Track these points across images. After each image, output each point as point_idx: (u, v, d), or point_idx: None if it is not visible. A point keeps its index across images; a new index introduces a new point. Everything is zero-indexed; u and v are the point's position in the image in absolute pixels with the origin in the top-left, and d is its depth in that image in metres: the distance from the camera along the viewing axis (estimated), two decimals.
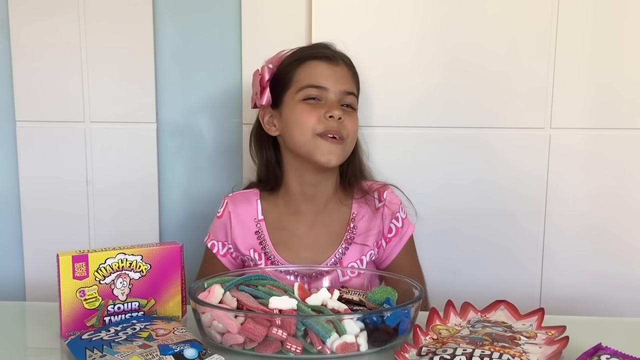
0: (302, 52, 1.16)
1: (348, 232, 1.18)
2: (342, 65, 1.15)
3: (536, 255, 1.41)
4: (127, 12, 1.37)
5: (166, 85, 1.42)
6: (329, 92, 1.12)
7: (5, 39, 1.39)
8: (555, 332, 0.90)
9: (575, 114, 1.37)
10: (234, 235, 1.19)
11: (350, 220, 1.19)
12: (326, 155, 1.11)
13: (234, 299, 0.94)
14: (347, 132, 1.12)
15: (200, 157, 1.45)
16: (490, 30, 1.35)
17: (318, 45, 1.19)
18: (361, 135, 1.23)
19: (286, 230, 1.19)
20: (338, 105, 1.12)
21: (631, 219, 1.39)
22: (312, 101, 1.12)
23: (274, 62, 1.18)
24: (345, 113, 1.12)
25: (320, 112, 1.10)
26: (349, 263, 1.17)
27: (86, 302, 0.95)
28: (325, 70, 1.13)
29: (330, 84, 1.12)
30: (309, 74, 1.13)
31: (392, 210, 1.19)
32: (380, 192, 1.20)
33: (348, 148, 1.14)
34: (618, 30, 1.34)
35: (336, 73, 1.14)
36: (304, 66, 1.14)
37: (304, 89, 1.12)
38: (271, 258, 1.16)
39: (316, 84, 1.12)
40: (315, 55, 1.14)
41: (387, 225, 1.19)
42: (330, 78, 1.12)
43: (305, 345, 0.86)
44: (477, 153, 1.39)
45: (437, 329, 0.91)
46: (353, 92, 1.16)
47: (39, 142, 1.41)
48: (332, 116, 1.09)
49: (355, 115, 1.17)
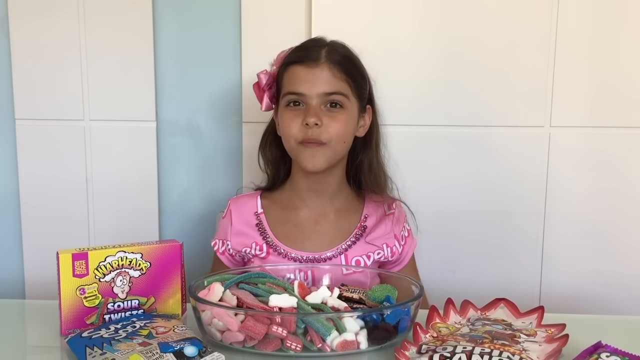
0: (289, 56, 1.16)
1: (357, 229, 1.19)
2: (323, 65, 1.12)
3: (535, 253, 1.41)
4: (127, 10, 1.37)
5: (166, 84, 1.42)
6: (308, 97, 1.11)
7: (5, 37, 1.38)
8: (555, 330, 0.90)
9: (575, 112, 1.37)
10: (233, 233, 1.20)
11: (361, 221, 1.20)
12: (309, 161, 1.12)
13: (234, 297, 0.94)
14: (328, 136, 1.11)
15: (200, 156, 1.45)
16: (490, 28, 1.35)
17: (304, 46, 1.17)
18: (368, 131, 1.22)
19: (290, 223, 1.20)
20: (316, 110, 1.11)
21: (631, 218, 1.40)
22: (294, 106, 1.13)
23: (276, 64, 1.18)
24: (328, 116, 1.11)
25: (301, 119, 1.11)
26: (353, 257, 1.17)
27: (86, 300, 0.95)
28: (303, 75, 1.12)
29: (307, 89, 1.11)
30: (289, 79, 1.13)
31: (401, 219, 1.22)
32: (390, 203, 1.22)
33: (334, 150, 1.13)
34: (618, 28, 1.34)
35: (314, 76, 1.11)
36: (287, 72, 1.14)
37: (285, 95, 1.14)
38: (273, 246, 1.17)
39: (294, 91, 1.12)
40: (295, 60, 1.13)
41: (398, 231, 1.21)
42: (308, 82, 1.11)
43: (306, 343, 0.86)
44: (476, 151, 1.39)
45: (437, 327, 0.91)
46: (336, 91, 1.12)
47: (38, 140, 1.41)
48: (308, 124, 1.10)
49: (343, 114, 1.13)
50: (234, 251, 1.20)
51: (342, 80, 1.12)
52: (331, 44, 1.16)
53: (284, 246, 1.17)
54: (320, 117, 1.10)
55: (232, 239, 1.20)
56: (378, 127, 1.23)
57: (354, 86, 1.14)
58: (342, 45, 1.16)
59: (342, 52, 1.15)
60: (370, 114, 1.20)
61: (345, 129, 1.13)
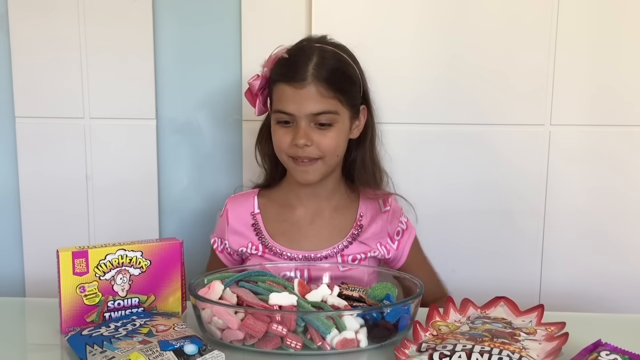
0: (276, 69, 1.12)
1: (354, 229, 1.19)
2: (310, 85, 1.08)
3: (535, 251, 1.41)
4: (127, 9, 1.36)
5: (166, 82, 1.42)
6: (296, 117, 1.10)
7: (5, 35, 1.38)
8: (555, 328, 0.90)
9: (576, 110, 1.37)
10: (230, 232, 1.20)
11: (357, 219, 1.20)
12: (302, 176, 1.13)
13: (234, 295, 0.94)
14: (321, 152, 1.11)
15: (200, 154, 1.45)
16: (491, 26, 1.35)
17: (291, 61, 1.11)
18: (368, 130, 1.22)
19: (286, 222, 1.20)
20: (306, 130, 1.09)
21: (630, 216, 1.39)
22: (285, 124, 1.12)
23: (268, 65, 1.15)
24: (318, 133, 1.10)
25: (290, 136, 1.10)
26: (349, 256, 1.17)
27: (86, 298, 0.95)
28: (291, 95, 1.09)
29: (295, 109, 1.09)
30: (278, 97, 1.12)
31: (396, 215, 1.22)
32: (385, 199, 1.22)
33: (328, 163, 1.13)
34: (619, 27, 1.34)
35: (301, 97, 1.08)
36: (275, 88, 1.13)
37: (275, 112, 1.13)
38: (269, 246, 1.17)
39: (282, 110, 1.11)
40: (281, 79, 1.11)
41: (394, 228, 1.21)
42: (295, 103, 1.09)
43: (305, 341, 0.86)
44: (476, 150, 1.39)
45: (437, 325, 0.91)
46: (325, 111, 1.09)
47: (38, 138, 1.41)
48: (297, 145, 1.09)
49: (333, 130, 1.10)
50: (231, 250, 1.20)
51: (330, 97, 1.09)
52: (320, 53, 1.11)
53: (280, 246, 1.17)
54: (310, 137, 1.09)
55: (229, 238, 1.20)
56: (374, 124, 1.21)
57: (344, 99, 1.11)
58: (331, 53, 1.12)
59: (331, 65, 1.10)
60: (365, 113, 1.18)
61: (336, 144, 1.12)
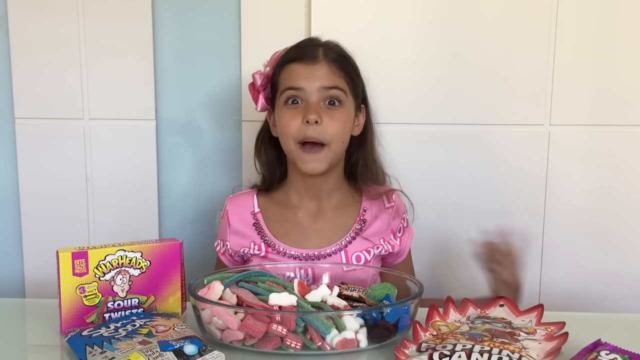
0: (285, 55, 1.17)
1: (357, 225, 1.19)
2: (321, 62, 1.13)
3: (535, 251, 1.41)
4: (127, 9, 1.37)
5: (166, 83, 1.42)
6: (307, 93, 1.12)
7: (4, 35, 1.38)
8: (554, 328, 0.90)
9: (575, 110, 1.37)
10: (231, 232, 1.20)
11: (360, 215, 1.20)
12: (308, 165, 1.13)
13: (233, 296, 0.94)
14: (329, 137, 1.11)
15: (200, 155, 1.45)
16: (490, 26, 1.35)
17: (301, 45, 1.18)
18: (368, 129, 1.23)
19: (289, 223, 1.20)
20: (317, 106, 1.11)
21: (630, 216, 1.40)
22: (293, 104, 1.13)
23: (270, 64, 1.19)
24: (327, 113, 1.11)
25: (300, 117, 1.11)
26: (353, 253, 1.17)
27: (86, 299, 0.95)
28: (302, 72, 1.13)
29: (306, 83, 1.12)
30: (287, 76, 1.14)
31: (400, 212, 1.22)
32: (389, 195, 1.22)
33: (334, 150, 1.13)
34: (618, 27, 1.34)
35: (313, 72, 1.13)
36: (284, 70, 1.15)
37: (284, 92, 1.14)
38: (272, 245, 1.17)
39: (293, 86, 1.13)
40: (293, 58, 1.15)
41: (397, 224, 1.21)
42: (307, 78, 1.12)
43: (305, 342, 0.86)
44: (476, 150, 1.39)
45: (437, 325, 0.91)
46: (335, 86, 1.13)
47: (38, 139, 1.41)
48: (308, 121, 1.10)
49: (342, 112, 1.13)
50: (232, 252, 1.20)
51: (340, 76, 1.14)
52: (326, 43, 1.17)
53: (283, 244, 1.17)
54: (320, 115, 1.10)
55: (231, 239, 1.20)
56: (372, 125, 1.23)
57: (351, 84, 1.15)
58: (337, 45, 1.18)
59: (339, 51, 1.17)
60: (364, 113, 1.21)
61: (343, 128, 1.14)
